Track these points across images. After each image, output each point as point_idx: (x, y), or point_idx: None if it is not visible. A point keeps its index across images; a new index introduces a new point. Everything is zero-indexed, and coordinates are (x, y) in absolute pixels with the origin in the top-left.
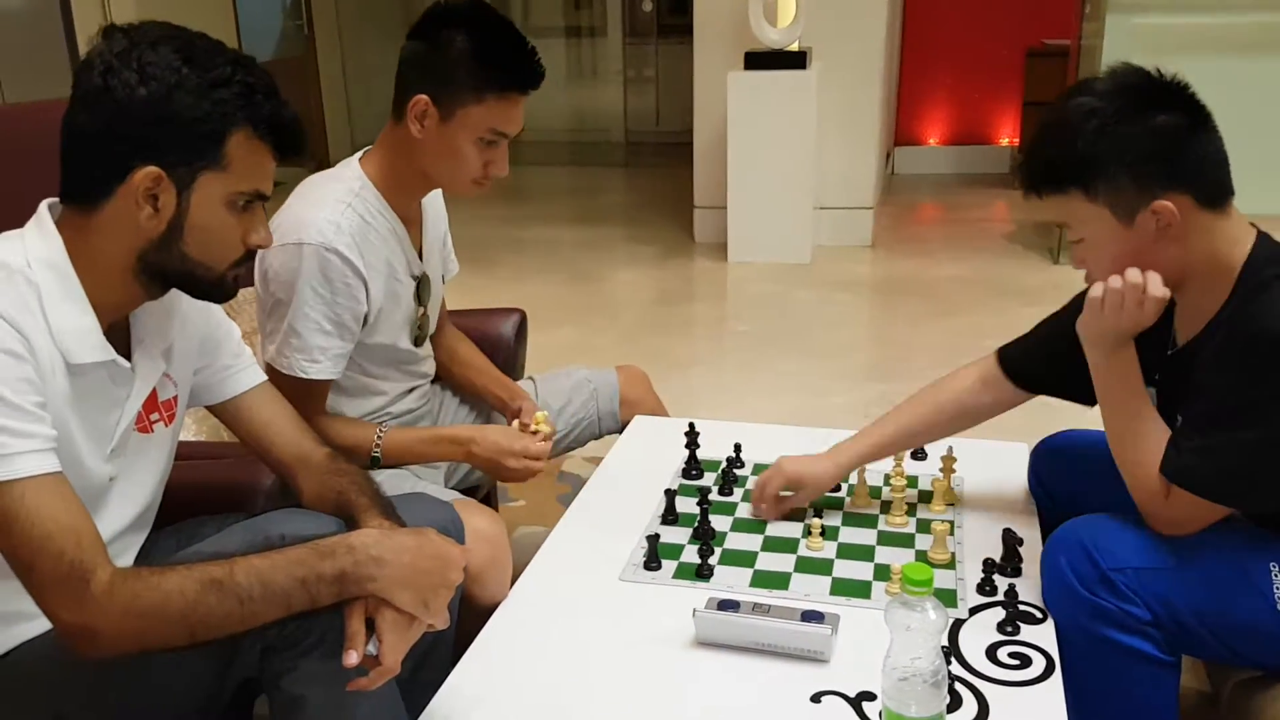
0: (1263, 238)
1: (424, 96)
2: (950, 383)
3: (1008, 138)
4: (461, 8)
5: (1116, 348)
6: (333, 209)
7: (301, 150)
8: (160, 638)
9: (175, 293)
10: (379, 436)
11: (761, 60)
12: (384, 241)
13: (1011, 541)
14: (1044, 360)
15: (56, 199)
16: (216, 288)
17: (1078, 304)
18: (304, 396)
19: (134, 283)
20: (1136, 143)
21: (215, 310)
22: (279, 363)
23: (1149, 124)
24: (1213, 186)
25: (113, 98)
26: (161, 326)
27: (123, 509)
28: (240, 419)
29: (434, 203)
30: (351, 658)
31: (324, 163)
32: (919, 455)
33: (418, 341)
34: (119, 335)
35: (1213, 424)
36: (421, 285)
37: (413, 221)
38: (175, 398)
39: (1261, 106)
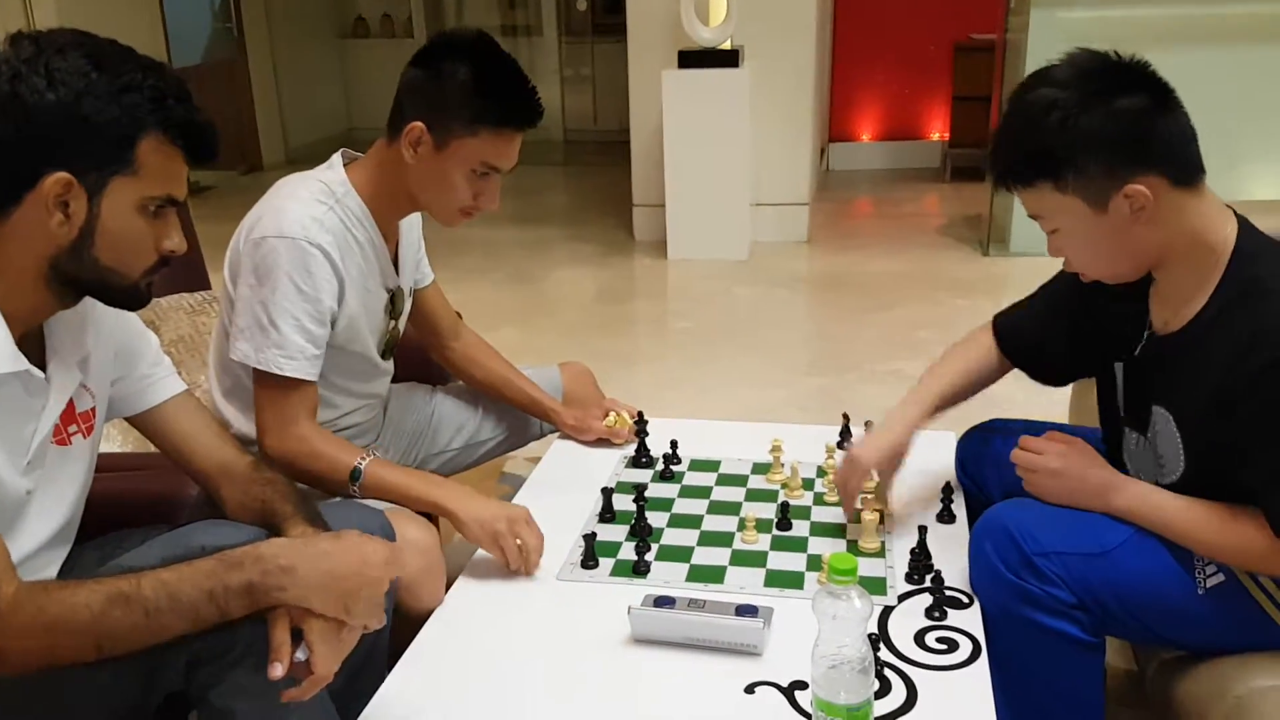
0: (1244, 226)
1: (420, 124)
2: (973, 349)
3: (938, 132)
4: (466, 40)
5: (1105, 497)
6: (315, 206)
7: (214, 154)
8: (68, 652)
9: (90, 301)
10: (361, 461)
11: (695, 59)
12: (361, 250)
13: (925, 541)
14: (1037, 343)
15: None
16: (130, 295)
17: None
18: (282, 398)
19: (46, 291)
20: (1101, 129)
21: (132, 319)
22: (255, 359)
23: (1112, 108)
24: (1183, 164)
25: (21, 104)
26: (77, 336)
27: (42, 524)
28: (160, 430)
29: (410, 217)
30: (276, 670)
31: (256, 166)
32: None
33: (385, 354)
34: (33, 345)
35: None
36: (395, 299)
37: (391, 236)
38: (94, 409)
39: (1184, 98)
